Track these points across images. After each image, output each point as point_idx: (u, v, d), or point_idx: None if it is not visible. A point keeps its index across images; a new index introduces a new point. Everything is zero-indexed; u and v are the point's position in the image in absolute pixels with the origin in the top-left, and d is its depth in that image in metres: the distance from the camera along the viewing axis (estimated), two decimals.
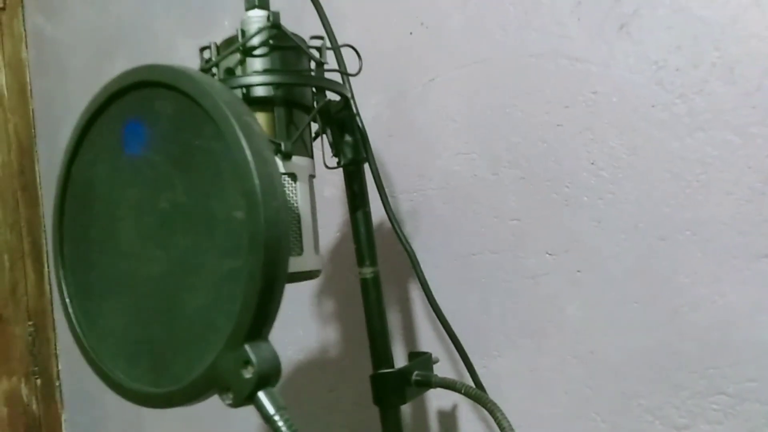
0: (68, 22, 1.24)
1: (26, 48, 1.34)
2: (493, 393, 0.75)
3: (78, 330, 0.43)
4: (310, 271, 0.47)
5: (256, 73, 0.46)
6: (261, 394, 0.34)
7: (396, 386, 0.57)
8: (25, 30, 1.34)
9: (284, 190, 0.34)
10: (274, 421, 0.33)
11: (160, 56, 1.07)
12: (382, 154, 0.82)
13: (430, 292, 0.57)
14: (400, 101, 0.80)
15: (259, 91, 0.46)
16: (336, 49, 0.54)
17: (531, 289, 0.71)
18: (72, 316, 0.43)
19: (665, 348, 0.63)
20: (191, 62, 1.08)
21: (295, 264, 0.46)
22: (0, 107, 1.29)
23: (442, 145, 0.77)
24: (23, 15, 1.34)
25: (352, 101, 0.56)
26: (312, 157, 0.50)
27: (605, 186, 0.66)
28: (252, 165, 0.33)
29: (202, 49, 0.50)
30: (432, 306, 0.57)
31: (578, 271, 0.68)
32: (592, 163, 0.67)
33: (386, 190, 0.83)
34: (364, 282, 0.57)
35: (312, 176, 0.50)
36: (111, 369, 0.41)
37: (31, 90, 1.34)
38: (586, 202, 0.67)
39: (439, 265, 0.78)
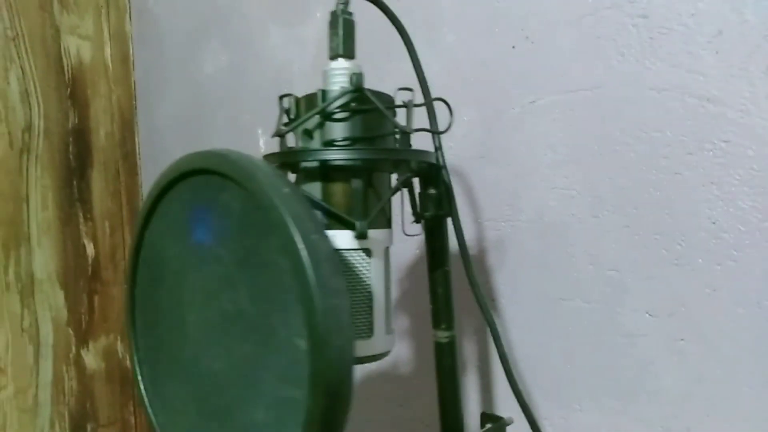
0: None
1: (130, 21, 1.37)
2: None
3: (145, 397, 0.43)
4: (377, 355, 0.44)
5: (335, 142, 0.42)
6: None
7: None
8: (129, 3, 1.37)
9: (351, 322, 0.31)
10: None
11: (251, 41, 1.05)
12: (471, 176, 0.76)
13: (509, 366, 0.53)
14: (494, 121, 0.73)
15: (338, 161, 0.42)
16: (429, 104, 0.49)
17: (624, 349, 0.65)
18: (140, 381, 0.43)
19: None
20: (282, 52, 1.04)
21: (363, 348, 0.43)
22: (105, 79, 1.34)
23: (538, 175, 0.70)
24: None
25: (439, 152, 0.51)
26: (390, 226, 0.46)
27: (726, 251, 0.57)
28: (317, 299, 0.30)
29: (281, 97, 0.46)
30: (508, 376, 0.53)
31: (682, 340, 0.61)
32: (714, 223, 0.58)
33: (472, 215, 0.78)
34: (438, 346, 0.53)
35: (388, 247, 0.46)
36: None
37: (133, 62, 1.38)
38: (701, 265, 0.59)
39: (523, 305, 0.72)
